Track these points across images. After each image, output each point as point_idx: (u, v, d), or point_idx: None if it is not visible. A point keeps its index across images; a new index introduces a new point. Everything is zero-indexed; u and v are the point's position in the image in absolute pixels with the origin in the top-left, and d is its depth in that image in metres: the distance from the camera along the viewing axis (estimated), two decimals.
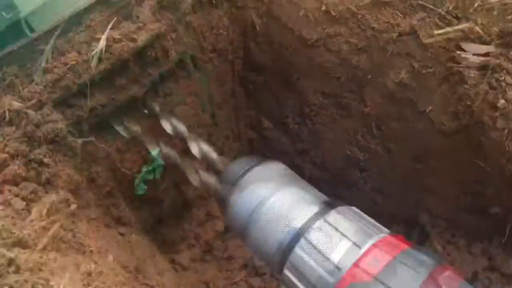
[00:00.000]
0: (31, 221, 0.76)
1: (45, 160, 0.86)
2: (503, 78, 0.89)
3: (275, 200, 0.92)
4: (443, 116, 1.01)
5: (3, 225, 0.71)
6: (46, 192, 0.83)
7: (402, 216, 1.24)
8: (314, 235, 0.83)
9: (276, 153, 1.41)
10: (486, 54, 0.90)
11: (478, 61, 0.90)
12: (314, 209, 0.88)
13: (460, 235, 1.16)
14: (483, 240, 1.13)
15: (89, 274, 0.73)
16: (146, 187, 1.11)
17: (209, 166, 1.12)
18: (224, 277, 1.25)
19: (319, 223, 0.84)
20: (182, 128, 1.08)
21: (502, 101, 0.90)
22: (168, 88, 1.12)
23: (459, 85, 0.95)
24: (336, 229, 0.82)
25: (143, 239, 1.12)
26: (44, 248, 0.72)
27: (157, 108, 1.07)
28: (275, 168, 1.03)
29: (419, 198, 1.18)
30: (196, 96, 1.18)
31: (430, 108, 1.03)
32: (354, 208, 0.90)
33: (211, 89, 1.21)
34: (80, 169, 0.97)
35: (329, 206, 0.88)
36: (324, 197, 0.94)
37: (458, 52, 0.93)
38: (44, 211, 0.77)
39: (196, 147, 1.08)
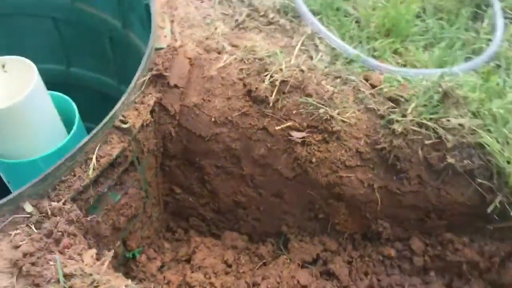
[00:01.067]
0: (86, 264, 1.38)
1: (75, 232, 1.47)
2: (312, 148, 1.76)
3: None
4: (287, 170, 1.85)
5: (79, 267, 1.32)
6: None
7: (272, 231, 2.06)
8: None
9: (185, 208, 2.12)
10: (303, 137, 1.77)
11: (299, 141, 1.77)
12: None
13: (306, 235, 2.01)
14: (319, 235, 1.99)
15: None
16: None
17: None
18: None
19: None
20: None
21: (314, 159, 1.77)
22: (124, 179, 1.78)
23: (292, 153, 1.81)
24: None
25: None
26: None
27: None
28: None
29: (281, 218, 2.01)
30: (138, 181, 1.85)
31: (279, 167, 1.86)
32: None
33: (145, 175, 1.89)
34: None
35: None
36: None
37: (289, 137, 1.78)
38: (93, 258, 1.40)
39: None
